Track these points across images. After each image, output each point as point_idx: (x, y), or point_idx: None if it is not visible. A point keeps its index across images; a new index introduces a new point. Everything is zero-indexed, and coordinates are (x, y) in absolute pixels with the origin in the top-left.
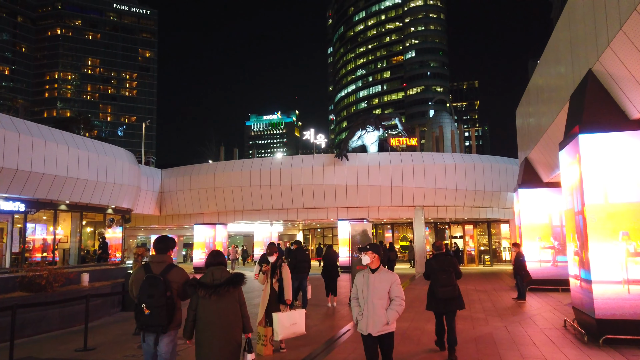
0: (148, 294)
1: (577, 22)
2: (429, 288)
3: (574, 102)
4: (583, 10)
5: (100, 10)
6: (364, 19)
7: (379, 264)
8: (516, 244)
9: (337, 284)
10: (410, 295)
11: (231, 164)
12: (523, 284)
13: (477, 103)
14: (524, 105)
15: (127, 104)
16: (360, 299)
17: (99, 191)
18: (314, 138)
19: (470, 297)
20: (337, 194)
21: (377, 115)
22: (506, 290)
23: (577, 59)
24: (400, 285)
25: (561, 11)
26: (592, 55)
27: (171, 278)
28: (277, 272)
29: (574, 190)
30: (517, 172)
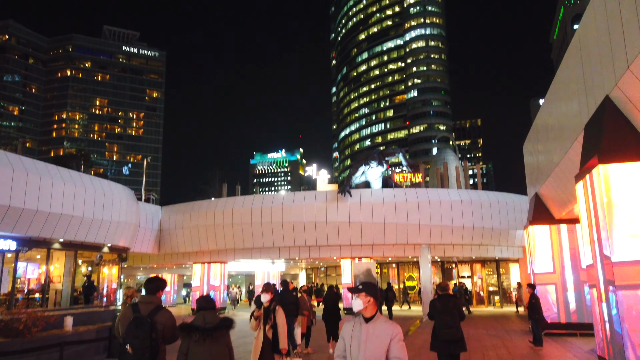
0: (134, 334)
1: (590, 47)
2: (433, 328)
3: (589, 132)
4: (597, 34)
5: (110, 52)
6: (367, 60)
7: (376, 310)
8: (531, 284)
9: (339, 327)
10: (418, 341)
11: (232, 200)
12: (539, 328)
13: (480, 141)
14: (532, 141)
15: (133, 143)
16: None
17: (95, 229)
18: (317, 174)
19: (482, 342)
20: (340, 231)
21: (381, 151)
22: (520, 334)
23: (591, 86)
24: (403, 341)
25: (561, 51)
26: (609, 80)
27: (158, 320)
28: (271, 317)
29: (594, 224)
30: (526, 209)
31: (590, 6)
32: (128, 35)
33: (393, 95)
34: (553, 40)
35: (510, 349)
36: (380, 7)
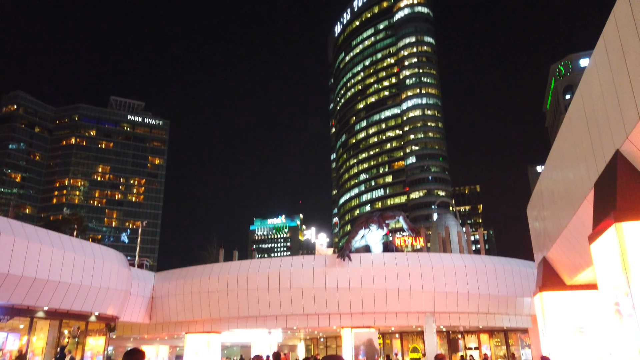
0: None
1: (595, 102)
2: None
3: (600, 189)
4: (601, 88)
5: (115, 121)
6: (365, 128)
7: None
8: (545, 358)
9: None
10: None
11: (227, 265)
12: None
13: (480, 207)
14: (536, 205)
15: (133, 209)
16: None
17: (82, 296)
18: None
19: None
20: (340, 298)
21: (381, 213)
22: None
23: (599, 143)
24: None
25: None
26: (619, 134)
27: None
28: None
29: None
30: (534, 276)
31: (592, 61)
32: (134, 105)
33: (392, 161)
34: (546, 109)
35: None
36: (378, 78)
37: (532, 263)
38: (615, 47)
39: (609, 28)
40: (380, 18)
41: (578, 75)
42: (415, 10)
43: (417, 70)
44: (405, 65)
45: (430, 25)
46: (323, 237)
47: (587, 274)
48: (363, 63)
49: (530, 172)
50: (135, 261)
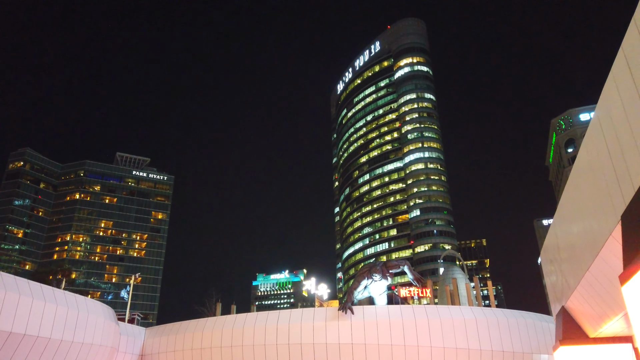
0: None
1: (618, 130)
2: None
3: (628, 221)
4: (625, 113)
5: (120, 176)
6: (369, 181)
7: None
8: None
9: None
10: None
11: (222, 320)
12: None
13: (487, 261)
14: (550, 253)
15: (134, 265)
16: None
17: (62, 353)
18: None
19: None
20: (342, 355)
21: (384, 262)
22: None
23: (624, 172)
24: None
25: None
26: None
27: None
28: None
29: None
30: (551, 331)
31: (606, 88)
32: (139, 161)
33: (396, 214)
34: (549, 162)
35: None
36: (380, 133)
37: (549, 317)
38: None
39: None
40: (381, 76)
41: (579, 129)
42: (415, 69)
43: (418, 125)
44: (406, 120)
45: (430, 82)
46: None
47: (614, 324)
48: (365, 119)
49: (537, 226)
50: (126, 316)
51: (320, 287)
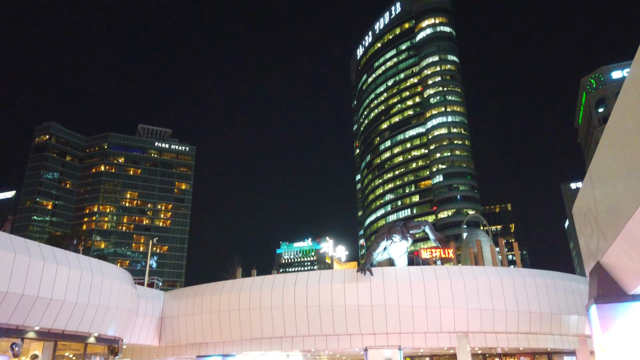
0: None
1: None
2: None
3: None
4: None
5: (143, 148)
6: (390, 147)
7: None
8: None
9: None
10: None
11: (239, 282)
12: None
13: (512, 226)
14: (586, 204)
15: (160, 234)
16: None
17: (78, 315)
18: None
19: None
20: (361, 316)
21: (405, 223)
22: None
23: None
24: None
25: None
26: None
27: None
28: None
29: None
30: (580, 292)
31: None
32: (161, 132)
33: (418, 180)
34: (578, 124)
35: None
36: (401, 98)
37: (579, 277)
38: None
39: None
40: (402, 39)
41: (610, 88)
42: (437, 30)
43: (441, 88)
44: (428, 84)
45: (452, 44)
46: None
47: None
48: (386, 84)
49: (564, 190)
50: (145, 280)
51: (338, 249)
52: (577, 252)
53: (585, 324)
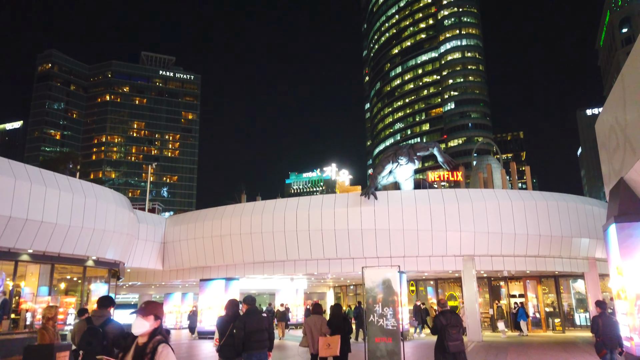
0: (87, 341)
1: None
2: (437, 343)
3: None
4: None
5: (147, 77)
6: (401, 74)
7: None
8: (601, 302)
9: (346, 358)
10: None
11: (240, 207)
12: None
13: (523, 154)
14: (611, 114)
15: (169, 164)
16: None
17: (72, 238)
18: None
19: None
20: (364, 240)
21: (411, 145)
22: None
23: None
24: None
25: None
26: None
27: (109, 330)
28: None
29: None
30: (594, 214)
31: None
32: (164, 60)
33: (429, 108)
34: (599, 46)
35: None
36: (414, 20)
37: (594, 200)
38: None
39: None
40: None
41: (637, 6)
42: None
43: (456, 9)
44: (443, 4)
45: None
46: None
47: None
48: (398, 4)
49: (579, 116)
50: (146, 205)
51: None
52: (588, 180)
53: (596, 247)
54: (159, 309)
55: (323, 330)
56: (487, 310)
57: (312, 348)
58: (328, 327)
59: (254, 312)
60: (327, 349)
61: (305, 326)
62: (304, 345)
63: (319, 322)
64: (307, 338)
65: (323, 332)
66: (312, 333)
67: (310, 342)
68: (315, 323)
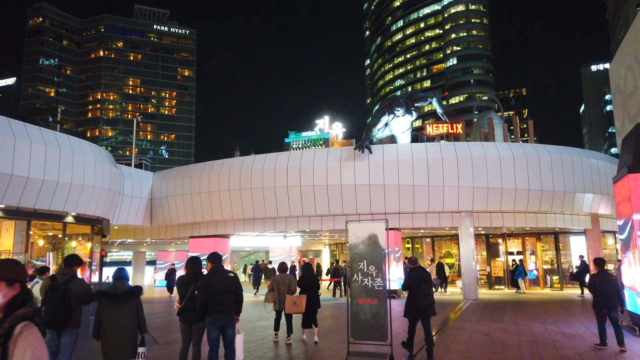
0: (49, 298)
1: None
2: (409, 297)
3: None
4: None
5: (141, 31)
6: (402, 28)
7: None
8: (599, 260)
9: (316, 312)
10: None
11: (229, 162)
12: (600, 320)
13: (525, 112)
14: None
15: (166, 122)
16: None
17: (47, 193)
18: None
19: None
20: (358, 196)
21: (409, 94)
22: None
23: None
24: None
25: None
26: None
27: (72, 287)
28: None
29: None
30: (599, 168)
31: None
32: (158, 14)
33: (430, 64)
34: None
35: None
36: None
37: (599, 154)
38: None
39: None
40: None
41: None
42: None
43: None
44: None
45: None
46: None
47: None
48: None
49: (584, 73)
50: (132, 160)
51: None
52: (590, 138)
53: (599, 203)
54: (14, 269)
55: (292, 288)
56: (484, 267)
57: (278, 305)
58: (298, 286)
59: (219, 271)
60: (293, 306)
61: (273, 283)
62: (270, 301)
63: (287, 279)
64: (273, 294)
65: (291, 289)
66: (280, 290)
67: (277, 299)
68: (283, 280)
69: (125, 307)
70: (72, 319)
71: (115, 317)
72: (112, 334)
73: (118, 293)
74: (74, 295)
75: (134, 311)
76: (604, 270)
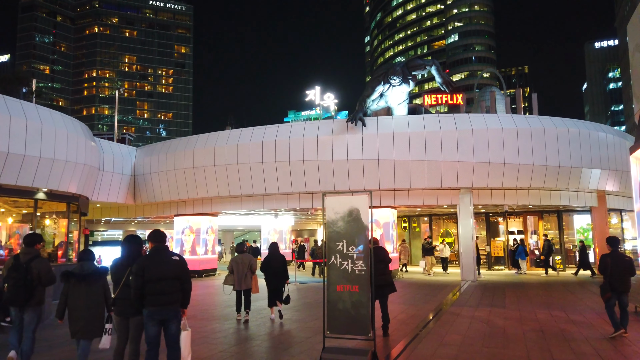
0: (11, 276)
1: None
2: None
3: None
4: None
5: (137, 7)
6: (403, 3)
7: None
8: (612, 239)
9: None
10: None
11: (214, 136)
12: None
13: (527, 90)
14: None
15: (163, 101)
16: None
17: (13, 167)
18: (321, 98)
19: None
20: (350, 172)
21: (405, 62)
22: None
23: None
24: None
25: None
26: None
27: (34, 266)
28: None
29: None
30: (607, 142)
31: None
32: None
33: (431, 40)
34: None
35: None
36: None
37: (608, 127)
38: None
39: None
40: None
41: None
42: None
43: None
44: None
45: None
46: (330, 98)
47: None
48: None
49: (587, 50)
50: (115, 135)
51: (327, 97)
52: (592, 117)
53: (607, 179)
54: None
55: (252, 268)
56: (483, 247)
57: (237, 285)
58: (261, 267)
59: (161, 253)
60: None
61: (232, 264)
62: (229, 283)
63: (246, 260)
64: (232, 276)
65: (252, 269)
66: (238, 270)
67: (237, 280)
68: (243, 261)
69: (92, 286)
70: (34, 298)
71: (83, 296)
72: (81, 313)
73: (85, 273)
74: (36, 275)
75: (101, 290)
76: (617, 250)
